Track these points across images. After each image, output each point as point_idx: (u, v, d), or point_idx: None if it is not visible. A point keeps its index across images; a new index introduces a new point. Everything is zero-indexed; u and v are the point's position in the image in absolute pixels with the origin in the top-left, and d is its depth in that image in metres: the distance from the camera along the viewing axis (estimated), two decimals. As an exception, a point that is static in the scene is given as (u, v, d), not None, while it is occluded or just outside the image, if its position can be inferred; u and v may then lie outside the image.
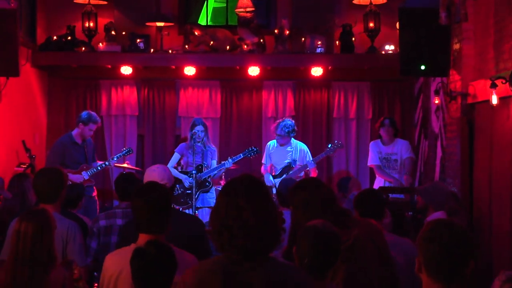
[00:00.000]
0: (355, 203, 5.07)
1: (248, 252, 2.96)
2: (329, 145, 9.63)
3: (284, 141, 9.46)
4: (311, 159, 9.48)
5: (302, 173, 9.43)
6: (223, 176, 9.71)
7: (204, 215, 8.90)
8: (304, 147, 9.66)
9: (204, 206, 9.04)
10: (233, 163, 9.37)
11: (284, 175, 9.32)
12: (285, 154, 9.53)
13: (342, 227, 3.91)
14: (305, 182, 4.43)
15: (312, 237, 3.49)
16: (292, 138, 9.54)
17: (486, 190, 7.46)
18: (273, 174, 9.54)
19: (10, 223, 4.97)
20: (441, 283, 2.87)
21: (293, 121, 9.60)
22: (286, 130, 9.37)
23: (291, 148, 9.54)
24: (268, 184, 9.17)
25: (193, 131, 9.16)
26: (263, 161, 9.79)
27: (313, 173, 9.47)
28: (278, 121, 9.61)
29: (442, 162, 8.92)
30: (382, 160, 9.45)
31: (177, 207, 9.09)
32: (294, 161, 9.46)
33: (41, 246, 4.12)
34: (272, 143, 9.68)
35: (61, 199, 5.09)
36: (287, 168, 9.45)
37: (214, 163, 9.38)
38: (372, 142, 9.73)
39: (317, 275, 3.47)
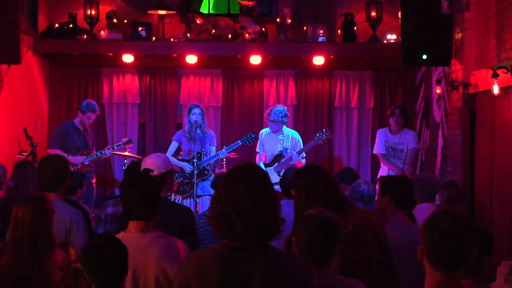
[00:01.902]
0: (385, 187, 5.02)
1: (247, 240, 2.96)
2: (317, 134, 9.63)
3: (277, 127, 9.52)
4: (302, 146, 9.54)
5: (294, 161, 9.45)
6: (224, 165, 9.73)
7: (205, 203, 8.91)
8: (296, 135, 9.70)
9: (204, 194, 9.05)
10: (232, 151, 9.40)
11: (276, 164, 9.41)
12: (277, 142, 9.58)
13: (342, 214, 3.93)
14: (307, 167, 4.44)
15: (310, 225, 3.50)
16: (284, 126, 9.59)
17: (487, 180, 7.47)
18: (265, 161, 9.58)
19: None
20: (442, 272, 2.87)
21: (285, 107, 9.68)
22: (280, 115, 9.43)
23: (282, 137, 9.59)
24: None
25: (191, 115, 9.20)
26: (257, 150, 9.85)
27: (299, 165, 9.51)
28: (270, 108, 9.64)
29: (444, 152, 8.93)
30: (388, 149, 9.44)
31: (178, 196, 9.13)
32: (286, 149, 9.50)
33: (40, 232, 4.15)
34: (265, 131, 9.74)
35: (64, 188, 5.11)
36: (279, 156, 9.49)
37: (213, 149, 9.41)
38: (380, 130, 9.72)
39: (316, 263, 3.48)
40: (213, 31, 10.73)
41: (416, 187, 5.92)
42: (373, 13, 10.55)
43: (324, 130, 9.72)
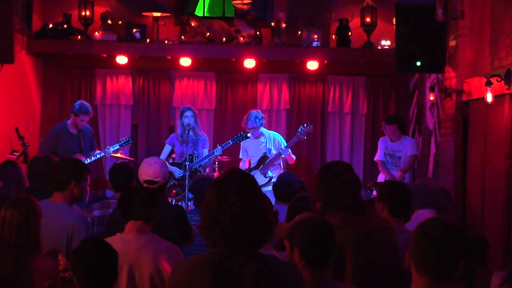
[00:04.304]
0: (380, 193, 4.98)
1: (240, 246, 2.95)
2: (299, 129, 9.66)
3: (259, 133, 9.54)
4: (286, 144, 9.54)
5: (280, 161, 9.54)
6: (216, 168, 9.71)
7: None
8: (277, 136, 9.76)
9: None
10: (222, 151, 9.36)
11: (261, 166, 9.46)
12: (260, 146, 9.61)
13: (361, 215, 4.00)
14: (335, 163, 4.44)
15: (305, 229, 3.49)
16: (263, 129, 9.64)
17: (479, 187, 7.46)
18: (250, 166, 9.58)
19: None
20: (428, 279, 2.89)
21: (258, 110, 9.73)
22: (258, 121, 9.50)
23: (264, 139, 9.64)
24: None
25: (184, 118, 9.19)
26: (240, 156, 9.84)
27: (291, 160, 9.62)
28: (245, 117, 9.61)
29: (436, 159, 8.93)
30: (386, 156, 9.42)
31: (170, 199, 9.11)
32: (269, 150, 9.54)
33: (27, 234, 4.15)
34: None
35: (71, 190, 4.99)
36: (263, 158, 9.50)
37: (206, 151, 9.39)
38: (381, 138, 9.69)
39: (310, 268, 3.46)
40: (208, 34, 10.72)
41: (412, 194, 5.88)
42: (368, 19, 10.55)
43: (305, 124, 9.74)
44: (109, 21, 10.70)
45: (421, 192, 5.93)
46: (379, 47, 10.56)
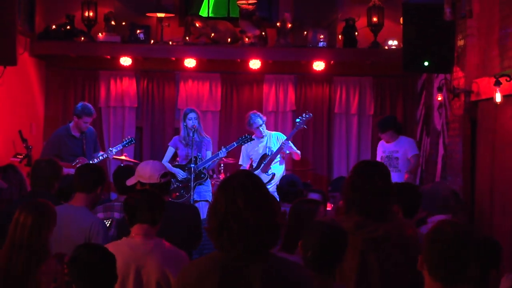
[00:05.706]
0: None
1: (247, 249, 2.92)
2: (297, 120, 9.59)
3: (262, 132, 9.50)
4: (290, 143, 9.51)
5: (280, 156, 9.48)
6: (221, 171, 9.64)
7: (201, 209, 8.79)
8: (279, 135, 9.68)
9: (201, 199, 8.95)
10: (227, 153, 9.27)
11: (262, 164, 9.39)
12: (263, 145, 9.55)
13: (377, 219, 3.89)
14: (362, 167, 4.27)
15: (320, 232, 3.50)
16: (263, 130, 9.55)
17: (487, 189, 7.42)
18: (251, 167, 9.51)
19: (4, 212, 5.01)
20: (441, 283, 2.87)
21: (254, 112, 9.65)
22: (261, 119, 9.46)
23: (265, 139, 9.55)
24: None
25: (187, 120, 9.12)
26: (240, 162, 9.77)
27: (296, 156, 9.60)
28: (246, 121, 9.54)
29: (444, 160, 8.86)
30: (384, 159, 9.37)
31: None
32: (269, 148, 9.46)
33: (38, 237, 4.22)
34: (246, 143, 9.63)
35: (95, 194, 5.10)
36: (263, 157, 9.43)
37: (209, 154, 9.31)
38: (380, 142, 9.68)
39: (320, 271, 3.46)
40: (212, 34, 10.67)
41: (425, 199, 5.78)
42: (375, 19, 10.49)
43: (304, 113, 9.67)
44: (113, 22, 10.66)
45: (434, 197, 5.82)
46: (386, 47, 10.49)
